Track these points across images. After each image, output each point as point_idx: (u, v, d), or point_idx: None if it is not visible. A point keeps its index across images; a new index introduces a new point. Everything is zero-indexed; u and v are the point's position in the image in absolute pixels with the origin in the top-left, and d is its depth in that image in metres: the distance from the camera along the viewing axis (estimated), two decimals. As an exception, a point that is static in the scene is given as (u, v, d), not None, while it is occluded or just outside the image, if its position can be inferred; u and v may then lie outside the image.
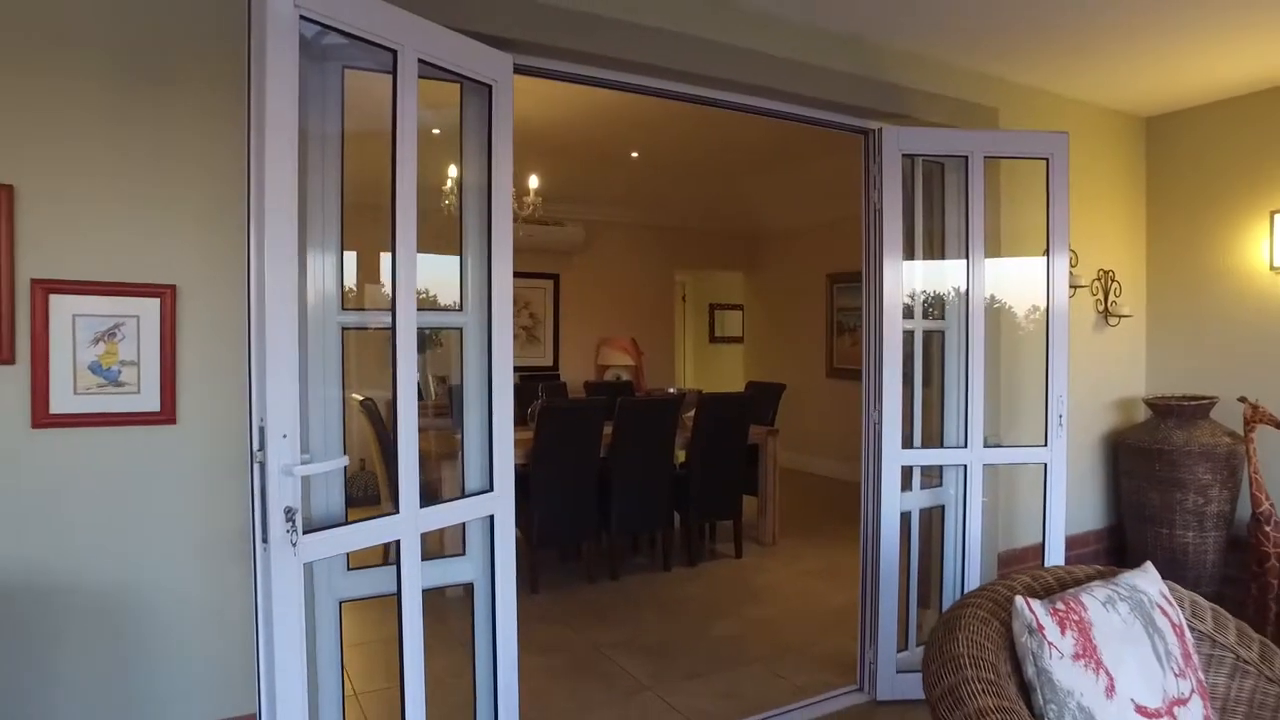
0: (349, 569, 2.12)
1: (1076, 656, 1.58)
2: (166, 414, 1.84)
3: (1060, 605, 1.65)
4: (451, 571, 2.26)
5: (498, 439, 2.20)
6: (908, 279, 3.17)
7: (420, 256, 1.95)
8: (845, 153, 3.40)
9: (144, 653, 1.86)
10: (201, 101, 1.88)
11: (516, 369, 2.08)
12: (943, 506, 3.36)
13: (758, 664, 3.43)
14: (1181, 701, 1.62)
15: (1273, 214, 3.62)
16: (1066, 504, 3.21)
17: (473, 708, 2.30)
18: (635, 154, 6.06)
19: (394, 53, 1.88)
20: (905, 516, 3.20)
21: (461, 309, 2.23)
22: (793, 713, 2.99)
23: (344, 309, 2.08)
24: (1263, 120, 3.67)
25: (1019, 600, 1.64)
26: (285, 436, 1.65)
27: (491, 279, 2.17)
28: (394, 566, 2.02)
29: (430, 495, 2.30)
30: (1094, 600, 1.69)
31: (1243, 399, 3.54)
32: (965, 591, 3.09)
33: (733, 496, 5.11)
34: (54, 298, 1.74)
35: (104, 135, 1.79)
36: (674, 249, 8.36)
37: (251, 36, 1.63)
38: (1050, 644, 1.57)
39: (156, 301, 1.83)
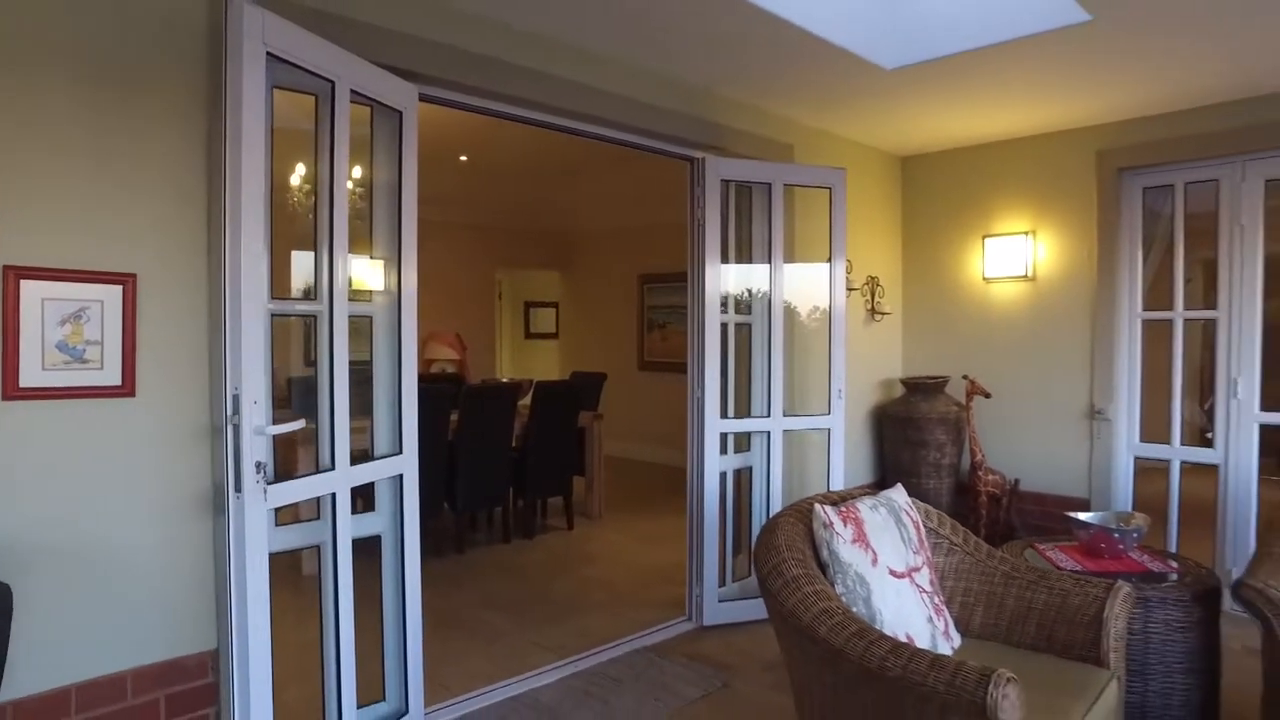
0: (276, 525, 2.44)
1: (854, 541, 2.29)
2: (127, 387, 2.10)
3: (843, 509, 2.37)
4: (364, 525, 2.62)
5: (405, 409, 2.61)
6: (723, 280, 3.87)
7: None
8: (654, 164, 3.95)
9: (106, 600, 2.10)
10: (163, 114, 2.15)
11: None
12: (750, 467, 4.11)
13: (600, 609, 4.01)
14: (917, 569, 2.39)
15: (984, 238, 4.73)
16: (845, 462, 4.07)
17: (380, 647, 2.68)
18: (464, 158, 6.44)
19: (332, 83, 2.26)
20: (723, 476, 3.91)
21: (372, 300, 2.62)
22: (636, 639, 3.60)
23: (273, 298, 2.40)
24: (982, 167, 4.77)
25: (817, 506, 2.33)
26: (256, 403, 2.01)
27: (401, 272, 2.58)
28: (309, 523, 2.40)
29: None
30: (865, 506, 2.43)
31: (965, 376, 4.62)
32: (769, 532, 3.87)
33: (564, 475, 5.67)
34: (25, 283, 1.96)
35: (75, 141, 2.03)
36: (495, 249, 8.78)
37: (228, 67, 1.96)
38: (837, 534, 2.28)
39: (119, 288, 2.08)
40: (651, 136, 3.56)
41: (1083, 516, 3.01)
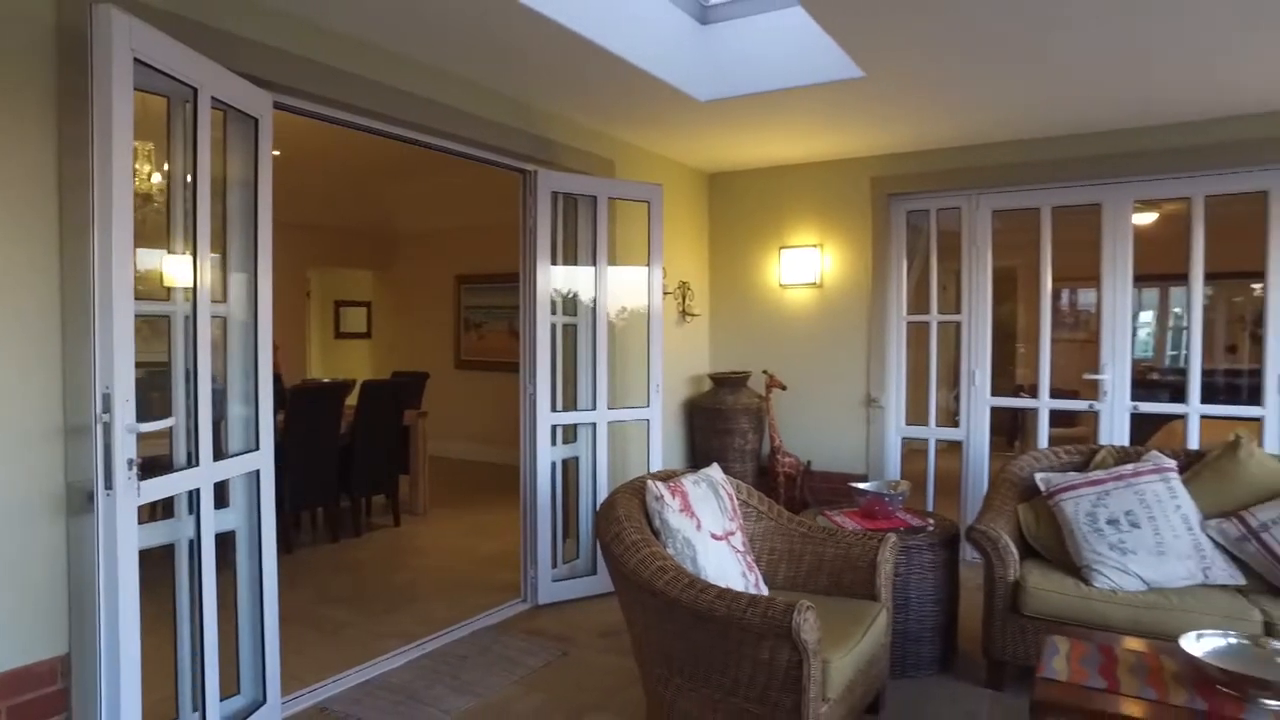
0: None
1: (681, 510, 2.69)
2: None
3: (671, 484, 2.77)
4: (219, 521, 2.68)
5: (263, 406, 2.70)
6: (552, 284, 4.17)
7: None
8: (473, 168, 4.05)
9: (-49, 603, 2.06)
10: (6, 112, 2.13)
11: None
12: (577, 457, 4.44)
13: (438, 597, 4.19)
14: (732, 533, 2.84)
15: (781, 249, 5.38)
16: (662, 450, 4.52)
17: (234, 641, 2.74)
18: (278, 152, 6.28)
19: (195, 90, 2.33)
20: (553, 465, 4.22)
21: (225, 300, 2.68)
22: (477, 621, 3.83)
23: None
24: (779, 186, 5.40)
25: (649, 482, 2.72)
26: (127, 401, 2.07)
27: (258, 274, 2.67)
28: (163, 522, 2.46)
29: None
30: (688, 481, 2.85)
31: (765, 371, 5.23)
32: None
33: (391, 473, 5.73)
34: None
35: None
36: (306, 247, 8.52)
37: (95, 74, 2.01)
38: (667, 505, 2.67)
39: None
40: (488, 149, 3.79)
41: (861, 486, 3.63)
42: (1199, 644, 2.17)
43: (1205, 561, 3.02)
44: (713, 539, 2.73)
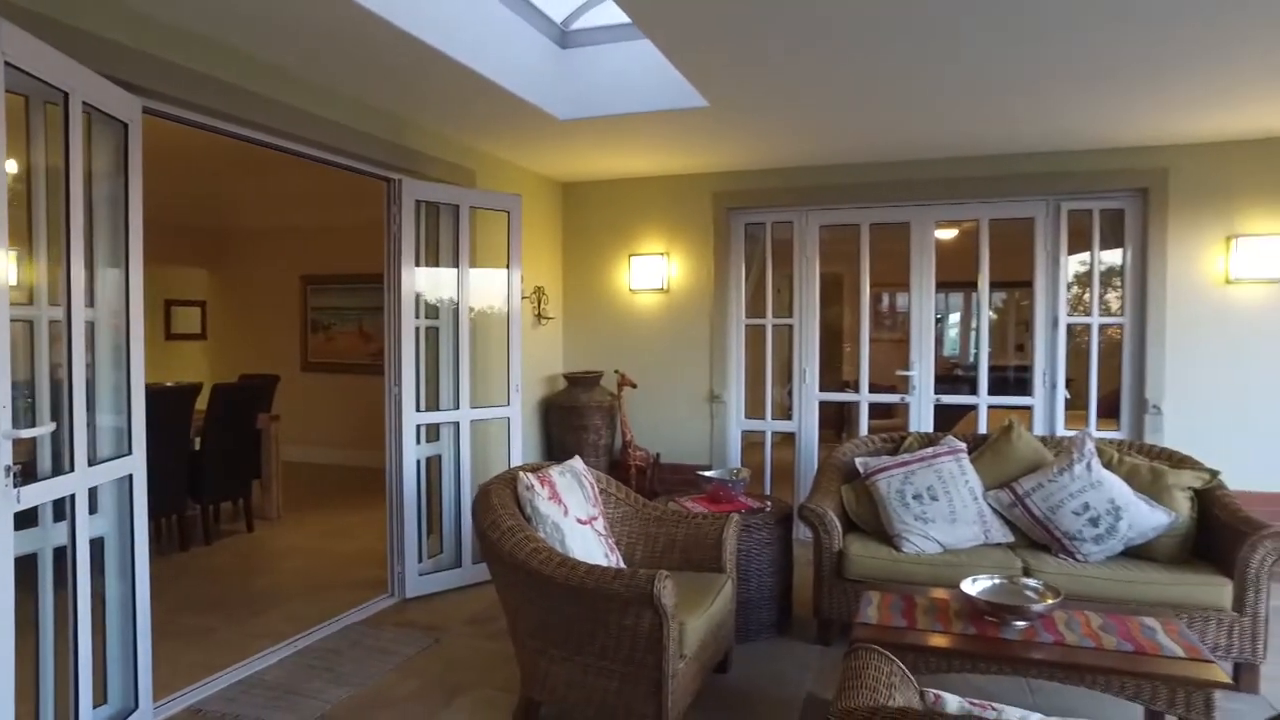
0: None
1: (550, 498, 2.96)
2: None
3: (540, 474, 3.03)
4: (89, 527, 2.68)
5: (135, 411, 2.72)
6: (416, 288, 4.31)
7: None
8: (318, 168, 3.99)
9: None
10: None
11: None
12: (440, 455, 4.59)
13: (306, 597, 4.23)
14: (595, 518, 3.14)
15: (631, 256, 5.74)
16: (522, 447, 4.75)
17: (103, 648, 2.73)
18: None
19: (66, 94, 2.35)
20: (418, 464, 4.36)
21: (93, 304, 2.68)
22: (346, 617, 3.92)
23: None
24: (630, 197, 5.75)
25: (520, 473, 2.97)
26: (4, 407, 2.09)
27: (129, 277, 2.69)
28: (25, 532, 2.45)
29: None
30: (555, 472, 3.12)
31: (616, 371, 5.57)
32: (463, 518, 4.43)
33: (244, 478, 5.61)
34: None
35: None
36: (134, 242, 8.05)
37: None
38: (537, 493, 2.93)
39: None
40: (355, 157, 3.89)
41: (707, 474, 4.02)
42: (973, 586, 2.72)
43: (986, 525, 3.63)
44: (578, 523, 3.02)
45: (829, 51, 3.13)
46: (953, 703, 1.79)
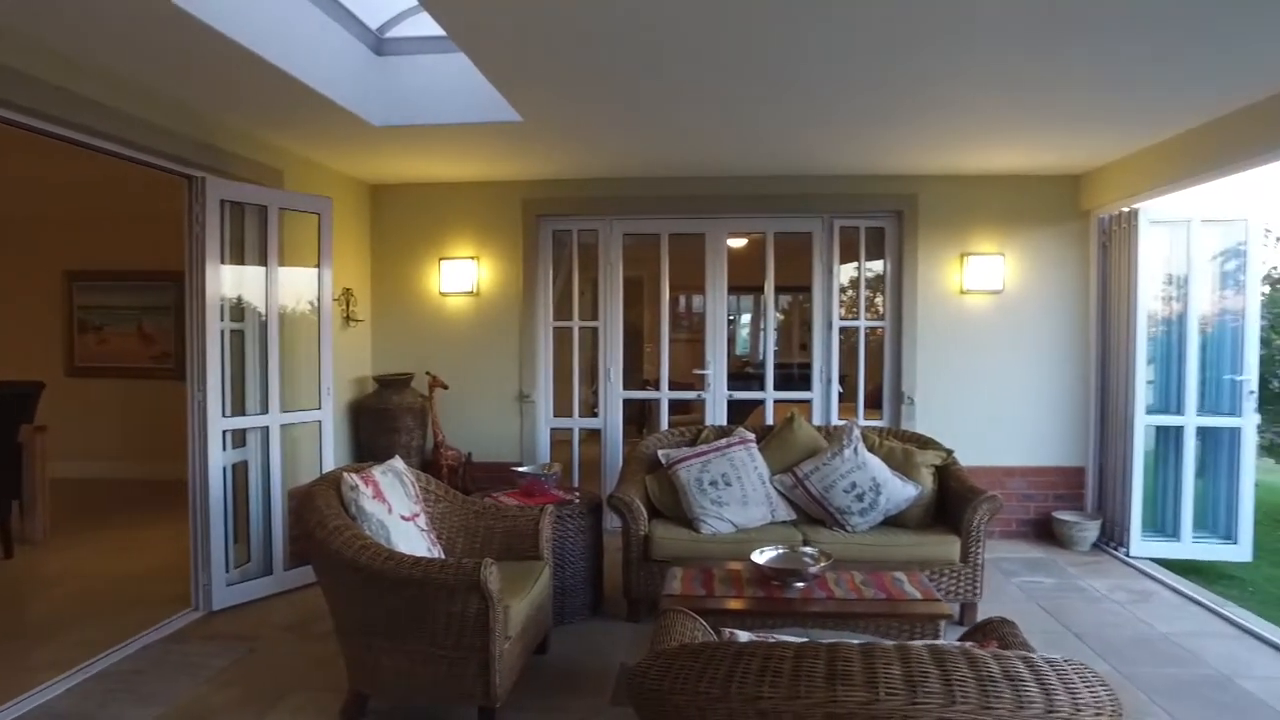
0: None
1: (374, 497, 3.05)
2: None
3: (363, 474, 3.11)
4: None
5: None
6: (222, 290, 4.16)
7: None
8: (76, 155, 3.67)
9: None
10: None
11: None
12: (247, 461, 4.46)
13: (94, 620, 3.92)
14: (418, 515, 3.26)
15: (440, 260, 5.81)
16: (334, 450, 4.71)
17: None
18: None
19: None
20: (224, 471, 4.21)
21: None
22: (144, 636, 3.73)
23: None
24: (441, 202, 5.81)
25: (344, 474, 3.04)
26: None
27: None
28: None
29: None
30: (378, 472, 3.22)
31: (428, 372, 5.63)
32: (274, 524, 4.34)
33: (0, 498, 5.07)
34: None
35: None
36: None
37: None
38: (362, 493, 3.01)
39: None
40: (147, 151, 3.67)
41: (521, 470, 4.23)
42: (761, 556, 3.15)
43: (773, 506, 4.13)
44: (402, 520, 3.13)
45: (628, 79, 3.45)
46: (744, 637, 2.14)
